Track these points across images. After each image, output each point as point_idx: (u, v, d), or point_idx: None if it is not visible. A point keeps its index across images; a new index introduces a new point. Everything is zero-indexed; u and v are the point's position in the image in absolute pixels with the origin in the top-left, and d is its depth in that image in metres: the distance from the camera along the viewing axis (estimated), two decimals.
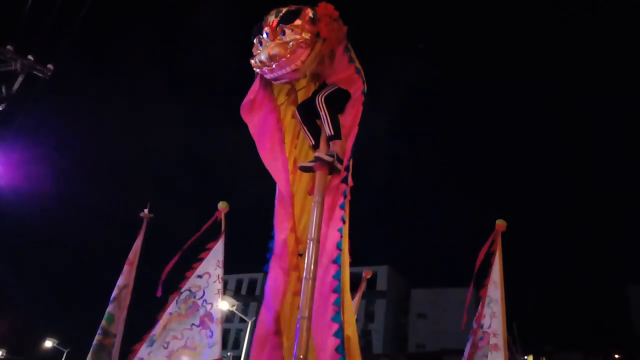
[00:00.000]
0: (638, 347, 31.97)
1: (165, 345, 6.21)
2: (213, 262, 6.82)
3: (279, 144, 4.09)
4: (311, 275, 3.31)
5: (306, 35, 3.62)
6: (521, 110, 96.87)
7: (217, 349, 6.34)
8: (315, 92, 3.98)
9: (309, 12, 3.68)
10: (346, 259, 3.55)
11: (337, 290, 3.26)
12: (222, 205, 7.20)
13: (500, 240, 6.72)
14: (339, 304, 3.22)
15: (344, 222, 3.46)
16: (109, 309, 7.49)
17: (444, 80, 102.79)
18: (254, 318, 26.56)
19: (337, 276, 3.30)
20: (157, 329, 6.30)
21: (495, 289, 6.39)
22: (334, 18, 3.72)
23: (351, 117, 3.82)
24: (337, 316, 3.17)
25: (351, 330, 3.35)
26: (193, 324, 6.39)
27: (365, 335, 37.35)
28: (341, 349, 3.07)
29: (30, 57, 12.00)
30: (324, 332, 3.17)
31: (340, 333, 3.12)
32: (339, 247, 3.38)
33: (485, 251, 6.62)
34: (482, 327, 6.19)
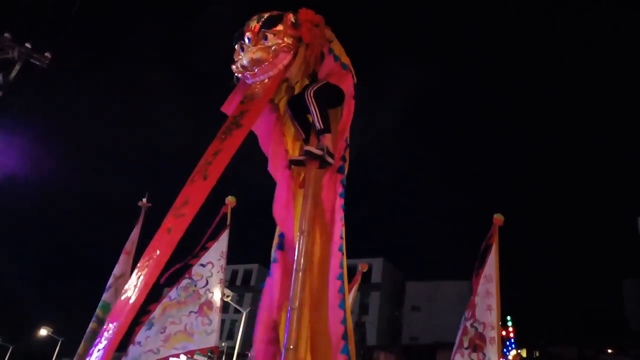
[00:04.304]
0: (631, 341, 32.20)
1: (163, 330, 6.24)
2: (217, 253, 6.92)
3: (281, 139, 4.06)
4: (301, 267, 3.30)
5: (288, 40, 3.64)
6: (516, 106, 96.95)
7: (214, 337, 6.38)
8: (306, 87, 3.96)
9: (291, 17, 3.69)
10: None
11: (341, 277, 3.30)
12: (230, 200, 7.35)
13: (497, 234, 6.76)
14: (343, 292, 3.26)
15: (344, 210, 3.49)
16: (104, 297, 7.43)
17: (442, 77, 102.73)
18: (248, 309, 26.65)
19: (341, 264, 3.34)
20: (156, 312, 6.33)
21: (489, 282, 6.41)
22: (314, 23, 3.71)
23: (346, 112, 3.85)
24: (342, 303, 3.21)
25: (350, 317, 3.38)
26: (191, 312, 6.42)
27: (359, 327, 37.41)
28: (346, 336, 3.11)
29: (27, 45, 11.95)
30: (332, 319, 3.20)
31: (344, 320, 3.16)
32: (341, 235, 3.41)
33: (484, 245, 6.66)
34: (477, 319, 6.21)
